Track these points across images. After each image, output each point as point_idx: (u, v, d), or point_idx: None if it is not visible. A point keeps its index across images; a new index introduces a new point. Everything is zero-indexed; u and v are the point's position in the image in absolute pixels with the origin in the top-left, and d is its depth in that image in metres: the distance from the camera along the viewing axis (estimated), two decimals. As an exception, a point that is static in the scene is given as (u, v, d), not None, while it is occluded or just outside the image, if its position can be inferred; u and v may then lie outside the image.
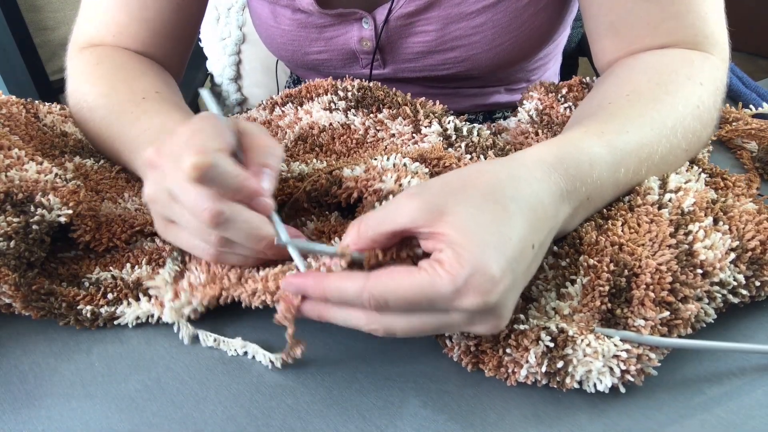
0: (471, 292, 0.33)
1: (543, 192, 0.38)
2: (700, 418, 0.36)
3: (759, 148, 0.59)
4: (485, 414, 0.38)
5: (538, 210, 0.37)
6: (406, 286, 0.33)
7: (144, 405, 0.39)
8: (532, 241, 0.36)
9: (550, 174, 0.39)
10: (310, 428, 0.37)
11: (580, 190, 0.41)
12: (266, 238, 0.39)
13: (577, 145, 0.43)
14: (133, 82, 0.57)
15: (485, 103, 0.80)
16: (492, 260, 0.33)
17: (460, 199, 0.35)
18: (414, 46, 0.69)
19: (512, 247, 0.34)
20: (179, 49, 0.68)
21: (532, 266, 0.37)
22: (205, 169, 0.36)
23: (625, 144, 0.44)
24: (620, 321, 0.38)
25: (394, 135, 0.55)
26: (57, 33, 1.83)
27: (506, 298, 0.34)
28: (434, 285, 0.33)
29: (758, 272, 0.41)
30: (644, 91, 0.49)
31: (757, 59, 2.44)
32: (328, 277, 0.36)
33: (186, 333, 0.43)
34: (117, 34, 0.64)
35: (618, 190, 0.45)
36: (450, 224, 0.34)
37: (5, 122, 0.53)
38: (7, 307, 0.44)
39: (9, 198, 0.44)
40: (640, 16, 0.53)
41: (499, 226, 0.34)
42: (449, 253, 0.33)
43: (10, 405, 0.40)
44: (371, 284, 0.34)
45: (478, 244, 0.33)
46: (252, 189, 0.39)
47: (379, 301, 0.34)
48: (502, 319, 0.35)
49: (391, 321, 0.35)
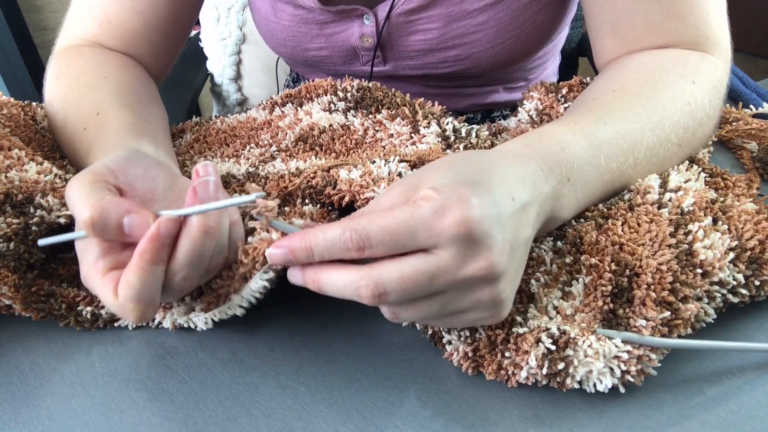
0: (450, 209, 0.33)
1: (514, 163, 0.39)
2: (700, 418, 0.36)
3: (759, 148, 0.59)
4: (485, 414, 0.38)
5: (510, 173, 0.38)
6: (387, 218, 0.34)
7: (144, 405, 0.39)
8: (511, 194, 0.36)
9: (518, 156, 0.40)
10: (310, 428, 0.37)
11: (554, 169, 0.41)
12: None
13: (545, 134, 0.44)
14: (82, 103, 0.55)
15: (484, 102, 0.80)
16: (469, 189, 0.34)
17: (434, 171, 0.37)
18: (415, 44, 0.69)
19: (489, 185, 0.35)
20: (167, 46, 0.67)
21: (520, 224, 0.36)
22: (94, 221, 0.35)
23: (601, 132, 0.44)
24: (622, 321, 0.38)
25: (393, 135, 0.55)
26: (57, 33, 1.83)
27: (489, 226, 0.34)
28: (414, 212, 0.33)
29: (757, 272, 0.41)
30: (631, 87, 0.49)
31: (757, 59, 2.44)
32: (311, 230, 0.36)
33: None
34: (105, 23, 0.62)
35: (603, 177, 0.45)
36: (425, 185, 0.35)
37: (6, 123, 0.53)
38: (7, 309, 0.44)
39: (9, 199, 0.44)
40: (642, 15, 0.53)
41: (475, 174, 0.36)
42: (427, 191, 0.34)
43: (10, 405, 0.40)
44: (353, 223, 0.34)
45: (455, 181, 0.35)
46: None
47: (361, 236, 0.34)
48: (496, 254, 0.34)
49: (381, 272, 0.34)
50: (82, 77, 0.58)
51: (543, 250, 0.43)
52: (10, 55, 1.73)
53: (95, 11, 0.63)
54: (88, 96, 0.55)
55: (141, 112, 0.54)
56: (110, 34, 0.63)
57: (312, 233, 0.36)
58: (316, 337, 0.43)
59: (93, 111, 0.52)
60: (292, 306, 0.46)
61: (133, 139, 0.48)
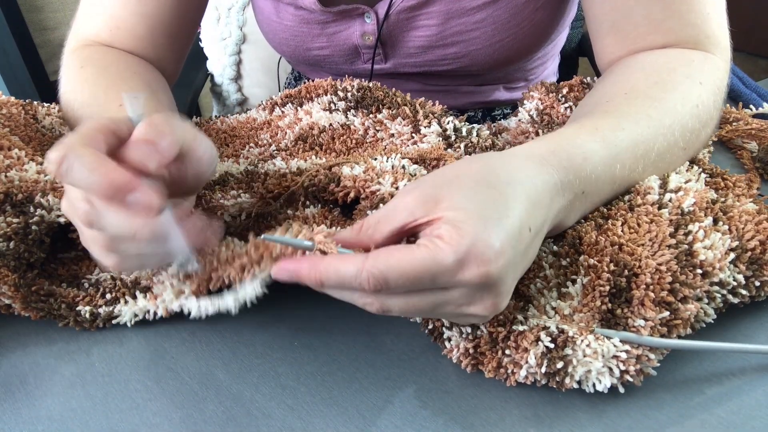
0: (473, 262, 0.33)
1: (536, 178, 0.38)
2: (700, 418, 0.36)
3: (759, 148, 0.59)
4: (485, 414, 0.38)
5: (531, 195, 0.37)
6: (407, 263, 0.33)
7: (144, 405, 0.39)
8: (529, 224, 0.36)
9: (542, 164, 0.40)
10: (310, 428, 0.37)
11: (574, 183, 0.41)
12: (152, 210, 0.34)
13: (569, 140, 0.43)
14: (112, 90, 0.56)
15: (485, 100, 0.80)
16: (491, 231, 0.33)
17: (455, 186, 0.36)
18: (415, 41, 0.69)
19: (510, 224, 0.34)
20: (176, 47, 0.68)
21: (530, 252, 0.37)
22: (58, 162, 0.33)
23: (620, 140, 0.44)
24: (620, 321, 0.38)
25: (394, 135, 0.55)
26: (57, 33, 1.83)
27: (506, 273, 0.34)
28: (436, 258, 0.32)
29: (758, 272, 0.41)
30: (642, 89, 0.49)
31: (757, 59, 2.44)
32: (323, 261, 0.35)
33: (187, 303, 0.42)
34: (114, 29, 0.63)
35: (615, 186, 0.45)
36: (446, 208, 0.34)
37: (5, 123, 0.53)
38: (7, 308, 0.44)
39: (9, 199, 0.44)
40: (642, 14, 0.53)
41: (495, 205, 0.35)
42: (448, 227, 0.33)
43: (10, 405, 0.40)
44: (370, 263, 0.33)
45: (477, 218, 0.34)
46: (117, 183, 0.33)
47: (378, 280, 0.33)
48: (501, 297, 0.35)
49: (389, 299, 0.35)
50: (111, 67, 0.59)
51: (543, 252, 0.43)
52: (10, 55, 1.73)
53: (104, 17, 0.64)
54: (122, 84, 0.56)
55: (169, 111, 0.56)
56: (120, 40, 0.64)
57: (324, 266, 0.35)
58: (316, 337, 0.43)
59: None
60: (292, 306, 0.46)
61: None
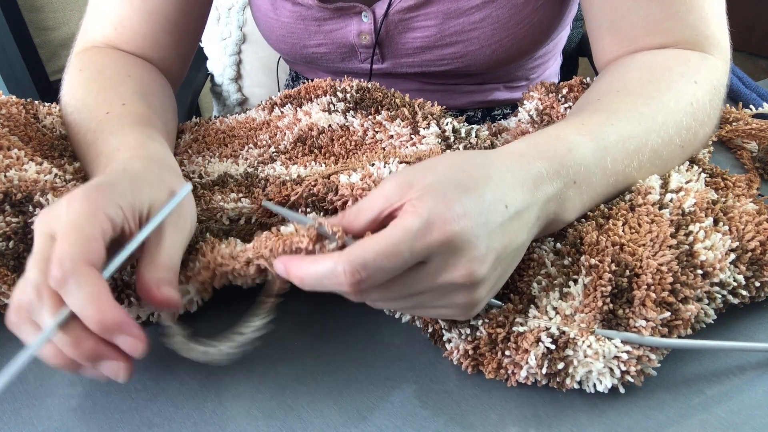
0: (436, 223, 0.33)
1: (514, 166, 0.39)
2: (700, 418, 0.36)
3: (759, 148, 0.59)
4: (485, 414, 0.38)
5: (506, 177, 0.38)
6: (379, 240, 0.33)
7: (144, 405, 0.39)
8: (504, 201, 0.36)
9: (522, 156, 0.40)
10: (310, 428, 0.37)
11: (560, 171, 0.41)
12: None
13: (552, 135, 0.43)
14: (102, 94, 0.56)
15: (484, 100, 0.80)
16: (452, 196, 0.34)
17: (429, 172, 0.37)
18: (413, 41, 0.69)
19: (477, 194, 0.35)
20: (181, 46, 0.68)
21: (509, 229, 0.37)
22: (58, 282, 0.34)
23: (607, 134, 0.44)
24: (622, 322, 0.38)
25: (393, 137, 0.55)
26: (57, 33, 1.83)
27: (475, 237, 0.34)
28: (404, 226, 0.33)
29: (758, 273, 0.41)
30: (635, 87, 0.49)
31: (757, 59, 2.44)
32: (302, 261, 0.36)
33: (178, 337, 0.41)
34: (120, 27, 0.64)
35: (609, 180, 0.45)
36: (417, 190, 0.35)
37: (5, 122, 0.53)
38: (7, 308, 0.44)
39: (8, 198, 0.43)
40: (641, 15, 0.53)
41: (463, 182, 0.36)
42: (413, 201, 0.34)
43: (10, 405, 0.40)
44: (344, 256, 0.34)
45: (442, 190, 0.35)
46: (110, 323, 0.34)
47: (355, 267, 0.33)
48: (476, 262, 0.34)
49: (372, 290, 0.35)
50: (106, 71, 0.59)
51: (544, 251, 0.43)
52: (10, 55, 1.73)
53: (111, 16, 0.64)
54: (113, 89, 0.56)
55: (161, 115, 0.56)
56: (125, 39, 0.64)
57: (303, 265, 0.35)
58: (316, 337, 0.43)
59: (118, 102, 0.54)
60: (292, 306, 0.46)
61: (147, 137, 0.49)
